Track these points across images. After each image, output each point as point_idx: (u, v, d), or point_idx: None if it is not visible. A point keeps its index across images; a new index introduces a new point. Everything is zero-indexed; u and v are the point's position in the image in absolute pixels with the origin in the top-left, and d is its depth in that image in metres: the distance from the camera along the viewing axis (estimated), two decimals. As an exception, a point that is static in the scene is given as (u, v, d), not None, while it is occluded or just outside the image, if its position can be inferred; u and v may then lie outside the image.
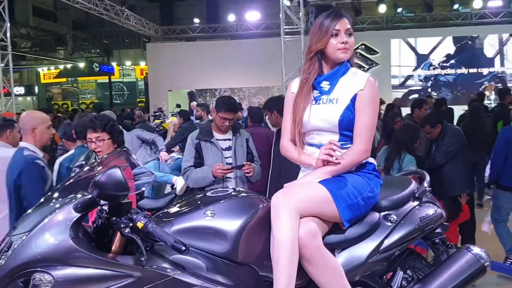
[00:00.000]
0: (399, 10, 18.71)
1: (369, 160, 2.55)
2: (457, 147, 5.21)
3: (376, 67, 16.73)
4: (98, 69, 25.22)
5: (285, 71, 11.68)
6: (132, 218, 2.03)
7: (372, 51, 16.82)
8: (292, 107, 2.58)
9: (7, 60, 12.23)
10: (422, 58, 17.35)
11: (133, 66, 27.17)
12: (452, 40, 17.08)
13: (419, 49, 17.43)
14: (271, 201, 2.29)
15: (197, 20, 21.67)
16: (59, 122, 8.16)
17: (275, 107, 4.69)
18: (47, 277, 1.91)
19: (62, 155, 4.84)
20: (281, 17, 12.02)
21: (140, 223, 2.00)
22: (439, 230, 2.72)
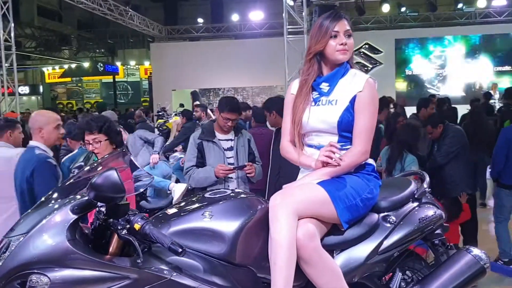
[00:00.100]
0: (403, 9, 18.66)
1: (368, 161, 2.54)
2: (458, 147, 5.20)
3: (380, 67, 16.69)
4: (102, 68, 25.35)
5: (288, 70, 11.68)
6: (129, 220, 2.04)
7: (376, 51, 16.77)
8: (292, 108, 2.57)
9: (11, 60, 12.27)
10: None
11: (137, 66, 27.28)
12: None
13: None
14: (269, 202, 2.28)
15: (201, 20, 21.70)
16: (63, 122, 8.16)
17: (274, 108, 4.69)
18: (44, 279, 1.92)
19: (65, 155, 4.86)
20: (284, 16, 12.03)
21: (137, 225, 2.01)
22: (439, 231, 2.70)
